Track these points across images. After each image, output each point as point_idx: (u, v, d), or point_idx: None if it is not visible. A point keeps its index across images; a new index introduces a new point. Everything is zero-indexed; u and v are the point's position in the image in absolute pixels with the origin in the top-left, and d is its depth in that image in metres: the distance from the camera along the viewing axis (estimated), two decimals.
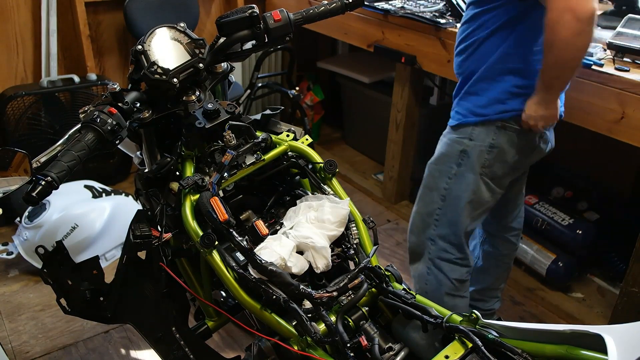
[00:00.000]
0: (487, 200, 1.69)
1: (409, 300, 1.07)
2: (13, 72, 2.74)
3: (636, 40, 1.76)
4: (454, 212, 1.70)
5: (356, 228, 1.20)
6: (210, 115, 1.22)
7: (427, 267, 1.79)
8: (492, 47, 1.54)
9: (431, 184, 1.74)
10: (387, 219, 2.90)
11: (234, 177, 1.23)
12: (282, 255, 1.09)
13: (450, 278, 1.77)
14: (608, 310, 2.18)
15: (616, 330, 0.81)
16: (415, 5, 2.44)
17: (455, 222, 1.70)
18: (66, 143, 1.13)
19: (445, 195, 1.70)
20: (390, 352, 1.03)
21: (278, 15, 1.28)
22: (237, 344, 2.02)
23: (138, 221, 1.21)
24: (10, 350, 2.03)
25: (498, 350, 0.92)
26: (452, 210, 1.70)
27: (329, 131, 3.76)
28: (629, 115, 1.66)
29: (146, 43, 1.22)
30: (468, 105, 1.62)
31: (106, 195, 2.52)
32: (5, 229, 2.65)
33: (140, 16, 2.73)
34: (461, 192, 1.67)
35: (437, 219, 1.73)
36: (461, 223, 1.70)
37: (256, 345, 1.10)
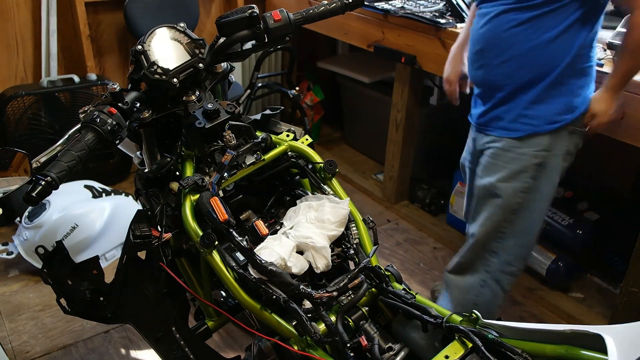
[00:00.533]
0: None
1: (409, 300, 1.07)
2: (13, 72, 2.74)
3: None
4: (528, 225, 1.62)
5: (356, 228, 1.20)
6: (210, 115, 1.21)
7: (481, 279, 1.72)
8: (560, 50, 1.45)
9: (499, 201, 1.59)
10: (387, 219, 2.90)
11: (234, 177, 1.23)
12: (282, 255, 1.09)
13: (506, 290, 1.73)
14: (608, 310, 2.18)
15: (616, 330, 0.81)
16: (415, 5, 2.44)
17: (528, 233, 1.64)
18: (66, 143, 1.13)
19: (517, 210, 1.59)
20: (390, 352, 1.03)
21: (278, 15, 1.28)
22: (237, 344, 2.02)
23: (138, 221, 1.21)
24: (10, 350, 2.03)
25: (498, 350, 0.91)
26: (526, 223, 1.62)
27: (329, 131, 3.76)
28: (629, 115, 1.66)
29: (146, 43, 1.22)
30: (540, 114, 1.51)
31: (106, 195, 2.52)
32: (5, 229, 2.65)
33: (140, 16, 2.73)
34: (537, 204, 1.59)
35: (505, 233, 1.64)
36: (535, 234, 1.65)
37: (256, 345, 1.10)
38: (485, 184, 1.62)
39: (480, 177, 1.64)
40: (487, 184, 1.61)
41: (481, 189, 1.64)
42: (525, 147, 1.53)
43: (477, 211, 1.67)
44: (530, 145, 1.52)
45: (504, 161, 1.56)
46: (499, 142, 1.58)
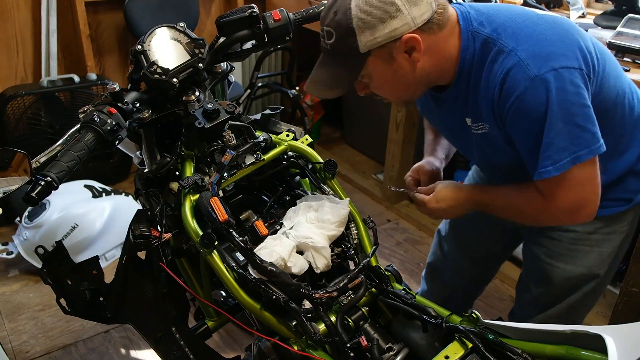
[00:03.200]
0: None
1: (408, 301, 1.07)
2: (13, 71, 2.73)
3: (636, 40, 1.76)
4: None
5: (356, 228, 1.20)
6: (210, 115, 1.21)
7: None
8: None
9: (597, 286, 1.37)
10: (387, 218, 2.89)
11: (234, 177, 1.23)
12: (282, 255, 1.09)
13: None
14: (608, 310, 2.18)
15: (616, 331, 0.81)
16: None
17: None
18: (66, 143, 1.13)
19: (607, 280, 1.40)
20: (390, 352, 1.03)
21: (278, 15, 1.28)
22: (237, 344, 2.02)
23: (138, 221, 1.21)
24: (10, 350, 2.03)
25: (498, 350, 0.91)
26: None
27: (329, 131, 3.76)
28: None
29: (146, 43, 1.22)
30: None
31: (106, 195, 2.52)
32: (5, 228, 2.65)
33: (140, 16, 2.73)
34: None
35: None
36: None
37: (256, 345, 1.10)
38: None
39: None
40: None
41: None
42: (615, 225, 1.33)
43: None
44: (619, 222, 1.34)
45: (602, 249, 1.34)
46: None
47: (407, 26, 1.04)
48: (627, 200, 1.26)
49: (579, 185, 1.08)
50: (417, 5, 1.04)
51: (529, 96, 1.03)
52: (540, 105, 1.02)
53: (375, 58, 1.07)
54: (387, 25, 1.03)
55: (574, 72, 1.03)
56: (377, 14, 1.02)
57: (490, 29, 1.08)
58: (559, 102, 1.02)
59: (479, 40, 1.09)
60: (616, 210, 1.27)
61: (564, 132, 1.03)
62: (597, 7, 2.39)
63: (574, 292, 1.35)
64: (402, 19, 1.03)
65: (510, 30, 1.07)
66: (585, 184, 1.08)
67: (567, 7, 2.27)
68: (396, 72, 1.09)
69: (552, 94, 1.02)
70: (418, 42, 1.05)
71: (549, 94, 1.02)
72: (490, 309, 2.26)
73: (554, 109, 1.02)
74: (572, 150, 1.04)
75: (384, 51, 1.06)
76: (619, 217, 1.28)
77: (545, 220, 1.19)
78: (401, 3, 1.03)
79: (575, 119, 1.03)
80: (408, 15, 1.03)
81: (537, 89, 1.02)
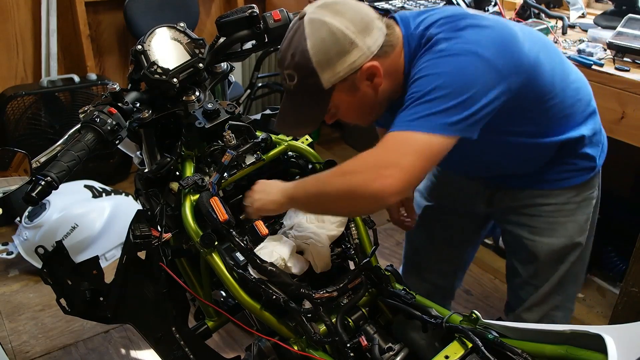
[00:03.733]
0: None
1: (409, 301, 1.07)
2: (13, 71, 2.74)
3: (636, 40, 1.76)
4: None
5: (356, 228, 1.20)
6: (210, 115, 1.21)
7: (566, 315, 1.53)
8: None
9: (580, 256, 1.41)
10: (387, 219, 2.89)
11: (234, 177, 1.23)
12: (282, 256, 1.09)
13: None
14: (608, 310, 2.18)
15: (616, 330, 0.81)
16: (415, 5, 2.44)
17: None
18: (66, 143, 1.13)
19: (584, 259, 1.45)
20: (390, 352, 1.03)
21: (278, 15, 1.28)
22: (237, 344, 2.02)
23: (138, 221, 1.21)
24: (10, 350, 2.03)
25: (498, 350, 0.92)
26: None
27: (329, 131, 3.75)
28: (629, 115, 1.66)
29: (146, 43, 1.22)
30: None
31: (106, 195, 2.52)
32: (5, 228, 2.64)
33: (140, 16, 2.73)
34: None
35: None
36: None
37: (256, 345, 1.10)
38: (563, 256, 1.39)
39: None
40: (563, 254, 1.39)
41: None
42: (585, 192, 1.37)
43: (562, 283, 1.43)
44: (588, 188, 1.37)
45: (575, 217, 1.37)
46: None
47: (364, 56, 1.06)
48: (591, 168, 1.32)
49: (410, 152, 0.99)
50: (370, 34, 1.06)
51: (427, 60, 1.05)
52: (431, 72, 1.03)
53: (340, 91, 1.09)
54: (345, 59, 1.05)
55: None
56: (334, 51, 1.04)
57: (422, 28, 1.11)
58: (446, 70, 1.01)
59: (415, 39, 1.11)
60: (584, 179, 1.32)
61: (436, 102, 0.99)
62: (597, 7, 2.39)
63: (561, 264, 1.39)
64: (359, 51, 1.05)
65: (439, 23, 1.09)
66: (412, 156, 0.98)
67: (567, 7, 2.27)
68: (361, 99, 1.11)
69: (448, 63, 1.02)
70: (377, 68, 1.07)
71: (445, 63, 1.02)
72: (490, 309, 2.26)
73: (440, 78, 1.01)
74: (433, 119, 0.99)
75: (346, 83, 1.08)
76: (587, 185, 1.34)
77: (347, 185, 1.01)
78: (354, 36, 1.05)
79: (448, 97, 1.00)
80: (363, 46, 1.06)
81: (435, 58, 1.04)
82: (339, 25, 1.04)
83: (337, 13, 1.05)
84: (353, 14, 1.06)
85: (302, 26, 1.05)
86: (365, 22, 1.06)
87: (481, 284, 2.39)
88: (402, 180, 0.95)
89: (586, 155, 1.30)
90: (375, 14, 1.10)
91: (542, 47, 1.16)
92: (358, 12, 1.07)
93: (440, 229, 1.56)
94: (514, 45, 1.06)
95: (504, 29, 1.08)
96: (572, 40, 1.96)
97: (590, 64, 1.72)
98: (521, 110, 1.14)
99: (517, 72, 1.05)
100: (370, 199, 0.97)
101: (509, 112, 1.10)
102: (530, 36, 1.14)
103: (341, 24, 1.04)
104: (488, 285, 2.39)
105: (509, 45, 1.05)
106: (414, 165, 0.97)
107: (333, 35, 1.04)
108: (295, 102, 1.13)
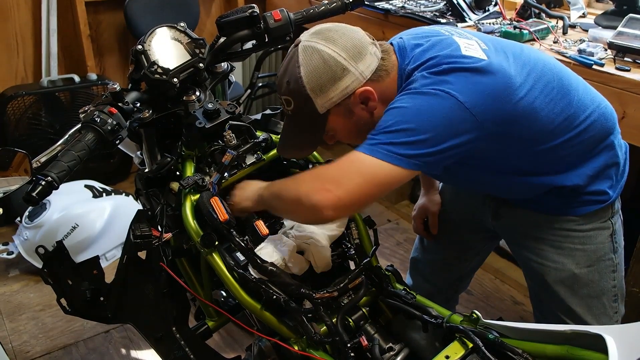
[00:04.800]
0: None
1: (409, 301, 1.07)
2: (13, 71, 2.73)
3: (637, 40, 1.76)
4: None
5: (356, 228, 1.20)
6: (210, 115, 1.21)
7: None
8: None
9: (594, 291, 1.30)
10: (388, 218, 2.89)
11: (235, 177, 1.23)
12: (282, 255, 1.09)
13: None
14: None
15: (616, 330, 0.81)
16: (415, 5, 2.44)
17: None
18: (66, 143, 1.13)
19: (618, 294, 1.34)
20: (391, 352, 1.03)
21: (278, 15, 1.28)
22: (238, 344, 2.02)
23: (138, 221, 1.21)
24: (11, 350, 2.03)
25: (499, 350, 0.91)
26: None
27: None
28: (629, 115, 1.66)
29: (146, 43, 1.22)
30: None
31: (106, 195, 2.52)
32: (5, 228, 2.64)
33: (141, 16, 2.73)
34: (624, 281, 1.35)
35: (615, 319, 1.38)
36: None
37: (256, 345, 1.10)
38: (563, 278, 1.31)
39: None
40: (562, 277, 1.31)
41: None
42: (595, 222, 1.30)
43: (571, 310, 1.32)
44: (599, 217, 1.31)
45: (579, 245, 1.30)
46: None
47: (357, 82, 1.07)
48: (601, 201, 1.26)
49: (356, 172, 1.00)
50: (362, 59, 1.07)
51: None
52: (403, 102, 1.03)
53: (335, 115, 1.11)
54: (338, 85, 1.07)
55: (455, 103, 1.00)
56: (326, 77, 1.06)
57: (413, 66, 1.09)
58: (417, 107, 1.01)
59: (403, 74, 1.11)
60: (592, 209, 1.26)
61: (398, 134, 0.99)
62: (598, 7, 2.39)
63: (575, 297, 1.30)
64: (351, 76, 1.07)
65: (428, 65, 1.07)
66: (358, 177, 0.99)
67: (567, 6, 2.27)
68: (357, 122, 1.12)
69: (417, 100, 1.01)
70: (371, 92, 1.08)
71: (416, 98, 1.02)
72: (491, 309, 2.26)
73: (408, 110, 1.01)
74: (390, 148, 0.99)
75: (341, 108, 1.10)
76: (597, 214, 1.27)
77: (295, 192, 1.04)
78: (346, 62, 1.06)
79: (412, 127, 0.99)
80: (356, 72, 1.07)
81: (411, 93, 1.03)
82: (331, 53, 1.06)
83: (329, 40, 1.07)
84: (345, 41, 1.07)
85: (297, 53, 1.08)
86: (358, 48, 1.08)
87: (482, 284, 2.38)
88: (340, 198, 0.97)
89: (593, 192, 1.24)
90: (369, 40, 1.11)
91: (547, 91, 1.10)
92: (351, 39, 1.08)
93: (450, 234, 1.54)
94: (503, 94, 1.03)
95: (499, 75, 1.04)
96: (573, 40, 1.95)
97: (590, 64, 1.72)
98: (505, 153, 1.12)
99: (497, 119, 1.03)
100: (309, 210, 0.99)
101: (489, 153, 1.10)
102: (536, 77, 1.09)
103: (333, 51, 1.06)
104: (489, 285, 2.38)
105: (497, 93, 1.02)
106: (357, 186, 0.98)
107: (325, 62, 1.06)
108: (294, 126, 1.16)
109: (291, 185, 1.07)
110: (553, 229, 1.27)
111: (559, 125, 1.12)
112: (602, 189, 1.25)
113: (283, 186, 1.10)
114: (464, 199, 1.46)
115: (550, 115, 1.10)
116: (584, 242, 1.27)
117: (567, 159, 1.18)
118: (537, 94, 1.08)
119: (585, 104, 1.17)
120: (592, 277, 1.28)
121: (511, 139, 1.08)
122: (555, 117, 1.11)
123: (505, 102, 1.03)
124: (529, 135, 1.10)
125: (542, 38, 1.95)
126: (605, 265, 1.30)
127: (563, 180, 1.19)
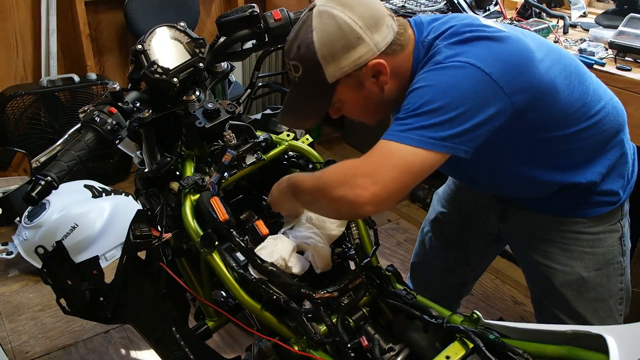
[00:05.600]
0: None
1: (409, 301, 1.07)
2: (13, 71, 2.73)
3: (638, 39, 1.76)
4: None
5: (357, 228, 1.19)
6: (210, 114, 1.21)
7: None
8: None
9: (601, 295, 1.27)
10: (388, 218, 2.89)
11: (234, 176, 1.23)
12: (282, 255, 1.08)
13: None
14: None
15: (617, 331, 0.81)
16: (416, 5, 2.44)
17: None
18: (66, 143, 1.12)
19: (624, 296, 1.31)
20: (391, 353, 1.03)
21: (278, 15, 1.28)
22: (237, 344, 2.02)
23: (138, 221, 1.21)
24: (10, 350, 2.03)
25: (499, 350, 0.91)
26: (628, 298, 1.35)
27: (329, 131, 3.75)
28: (630, 114, 1.65)
29: (146, 42, 1.22)
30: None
31: (106, 195, 2.52)
32: (5, 228, 2.64)
33: (141, 15, 2.73)
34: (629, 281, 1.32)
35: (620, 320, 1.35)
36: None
37: (256, 346, 1.10)
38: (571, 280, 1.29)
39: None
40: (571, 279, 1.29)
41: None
42: (605, 225, 1.28)
43: (577, 312, 1.29)
44: (609, 219, 1.28)
45: (587, 249, 1.28)
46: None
47: (370, 52, 1.03)
48: (611, 202, 1.23)
49: (390, 165, 0.97)
50: (378, 30, 1.04)
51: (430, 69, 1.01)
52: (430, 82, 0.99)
53: (344, 86, 1.07)
54: (351, 54, 1.03)
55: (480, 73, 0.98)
56: (340, 45, 1.02)
57: (432, 37, 1.07)
58: (444, 83, 0.98)
59: (424, 47, 1.08)
60: (601, 212, 1.23)
61: (427, 116, 0.97)
62: (599, 7, 2.39)
63: (582, 301, 1.28)
64: (365, 46, 1.03)
65: (448, 34, 1.05)
66: (392, 170, 0.96)
67: (568, 6, 2.27)
68: (366, 97, 1.09)
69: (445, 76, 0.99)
70: (384, 66, 1.05)
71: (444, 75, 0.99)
72: (491, 309, 2.26)
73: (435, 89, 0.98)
74: (422, 132, 0.96)
75: (351, 79, 1.06)
76: (606, 217, 1.24)
77: (329, 183, 1.01)
78: (362, 31, 1.02)
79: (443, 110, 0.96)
80: (370, 42, 1.03)
81: (436, 69, 1.00)
82: (347, 19, 1.01)
83: (347, 6, 1.03)
84: (363, 9, 1.03)
85: (310, 18, 1.03)
86: (376, 18, 1.03)
87: (482, 284, 2.38)
88: (375, 194, 0.94)
89: (605, 192, 1.21)
90: (387, 11, 1.06)
91: (567, 74, 1.08)
92: (369, 7, 1.04)
93: (453, 239, 1.52)
94: (526, 64, 1.01)
95: (520, 45, 1.03)
96: (574, 39, 1.95)
97: (591, 64, 1.72)
98: (521, 136, 1.09)
99: (523, 91, 1.00)
100: (346, 207, 0.97)
101: (510, 134, 1.06)
102: (555, 58, 1.08)
103: (349, 17, 1.01)
104: (489, 285, 2.38)
105: (520, 62, 1.01)
106: (392, 180, 0.95)
107: (340, 28, 1.01)
108: (300, 93, 1.12)
109: (324, 182, 1.01)
110: (562, 231, 1.25)
111: (576, 112, 1.11)
112: (614, 189, 1.22)
113: (317, 183, 1.03)
114: (468, 202, 1.44)
115: (570, 98, 1.09)
116: (593, 245, 1.25)
117: (578, 153, 1.15)
118: (557, 73, 1.06)
119: (600, 95, 1.16)
120: (600, 280, 1.26)
121: (533, 115, 1.04)
122: (574, 102, 1.09)
123: (528, 73, 1.01)
124: (546, 118, 1.07)
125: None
126: (614, 269, 1.27)
127: (576, 177, 1.17)
